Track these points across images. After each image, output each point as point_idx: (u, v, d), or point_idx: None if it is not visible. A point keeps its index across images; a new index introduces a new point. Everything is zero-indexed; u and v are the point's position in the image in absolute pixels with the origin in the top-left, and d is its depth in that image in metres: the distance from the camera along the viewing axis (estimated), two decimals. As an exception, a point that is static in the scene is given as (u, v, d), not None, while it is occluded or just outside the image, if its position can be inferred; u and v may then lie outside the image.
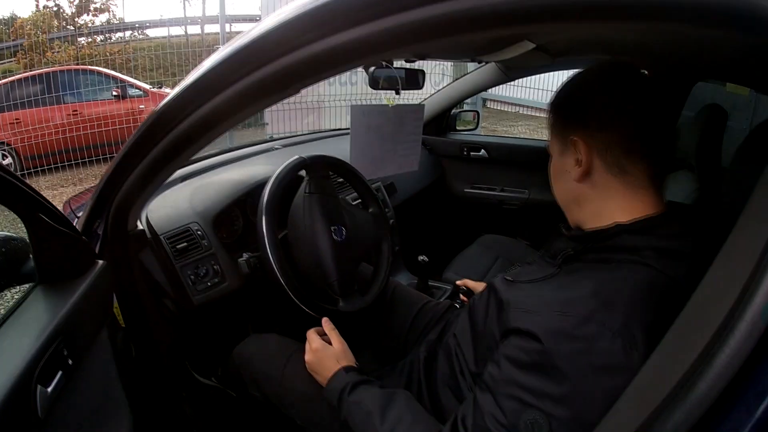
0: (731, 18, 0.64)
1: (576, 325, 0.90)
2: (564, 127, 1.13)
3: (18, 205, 1.10)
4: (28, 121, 7.80)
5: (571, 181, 1.12)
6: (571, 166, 1.11)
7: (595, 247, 1.08)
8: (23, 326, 1.11)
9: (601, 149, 1.06)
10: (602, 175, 1.07)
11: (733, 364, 0.60)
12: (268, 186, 1.66)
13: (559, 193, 1.21)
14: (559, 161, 1.17)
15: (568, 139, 1.10)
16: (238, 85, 0.99)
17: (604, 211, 1.09)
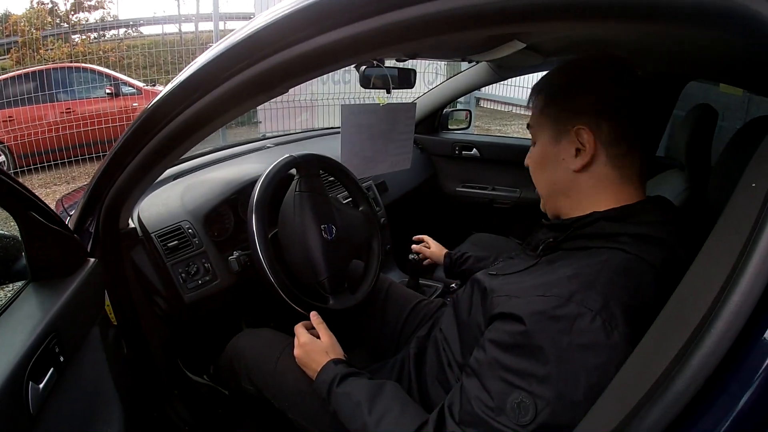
0: (724, 20, 0.66)
1: (556, 306, 0.91)
2: (563, 115, 1.11)
3: (10, 203, 1.11)
4: (21, 118, 7.75)
5: (564, 171, 1.12)
6: (568, 155, 1.10)
7: (573, 234, 1.09)
8: (15, 323, 1.11)
9: (607, 141, 1.06)
10: (602, 166, 1.08)
11: (710, 363, 0.61)
12: (259, 184, 1.67)
13: (545, 182, 1.20)
14: (551, 149, 1.14)
15: (567, 128, 1.09)
16: (229, 83, 1.00)
17: (588, 201, 1.10)
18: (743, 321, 0.59)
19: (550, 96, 1.15)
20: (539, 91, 1.18)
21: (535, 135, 1.19)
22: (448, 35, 0.86)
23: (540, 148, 1.18)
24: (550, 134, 1.14)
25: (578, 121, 1.07)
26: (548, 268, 1.07)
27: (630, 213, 1.05)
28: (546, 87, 1.17)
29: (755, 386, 0.59)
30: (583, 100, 1.08)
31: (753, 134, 1.19)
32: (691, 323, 0.65)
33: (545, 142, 1.16)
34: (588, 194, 1.11)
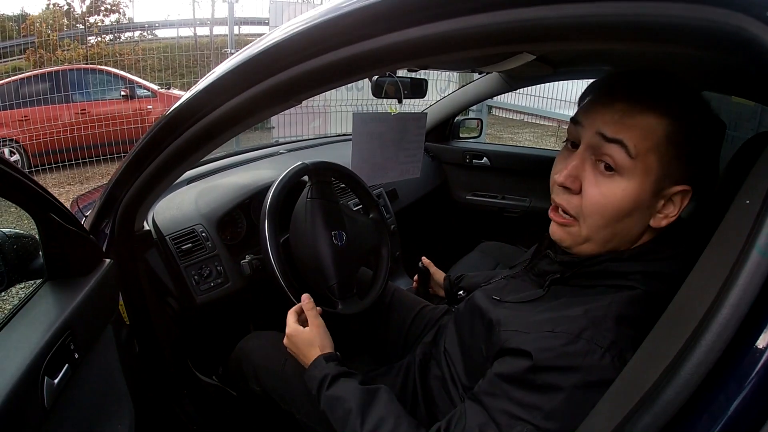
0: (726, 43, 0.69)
1: (566, 343, 0.90)
2: (677, 165, 0.95)
3: (30, 205, 1.13)
4: (37, 118, 7.78)
5: (644, 222, 1.00)
6: (654, 211, 0.99)
7: (580, 273, 1.05)
8: (32, 320, 1.14)
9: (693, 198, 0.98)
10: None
11: (699, 372, 0.63)
12: (272, 190, 1.69)
13: (616, 230, 1.00)
14: (647, 197, 0.96)
15: (674, 183, 0.96)
16: (249, 92, 1.03)
17: (630, 242, 1.03)
18: (732, 332, 0.61)
19: (676, 134, 0.93)
20: (653, 105, 0.94)
21: (630, 167, 0.95)
22: (467, 52, 0.89)
23: (635, 191, 0.95)
24: (654, 181, 0.95)
25: (686, 182, 0.96)
26: (556, 302, 1.03)
27: (643, 252, 1.00)
28: (673, 112, 0.94)
29: (742, 397, 0.61)
30: (703, 162, 0.98)
31: (756, 149, 1.20)
32: (683, 334, 0.67)
33: (645, 188, 0.95)
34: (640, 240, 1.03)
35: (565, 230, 1.05)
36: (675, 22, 0.70)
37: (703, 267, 0.78)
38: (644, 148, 0.93)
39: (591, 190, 0.98)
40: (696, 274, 0.79)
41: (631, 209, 0.96)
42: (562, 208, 1.04)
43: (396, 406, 1.21)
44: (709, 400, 0.63)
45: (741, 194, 0.78)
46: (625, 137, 0.93)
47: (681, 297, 0.80)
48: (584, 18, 0.74)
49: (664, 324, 0.80)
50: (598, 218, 0.99)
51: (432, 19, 0.82)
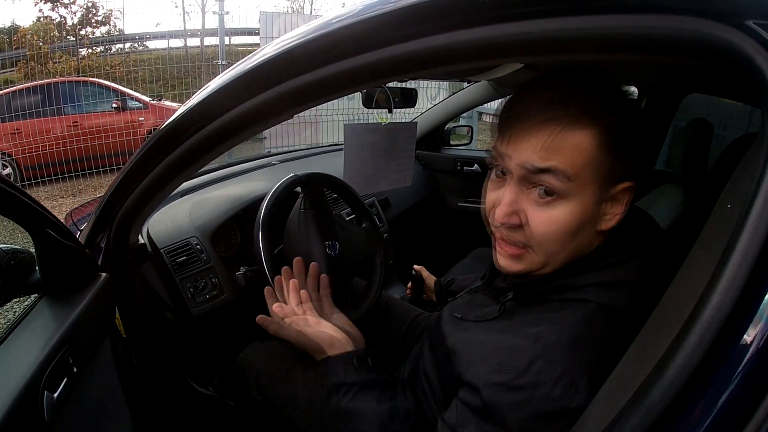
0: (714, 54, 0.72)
1: (514, 377, 0.87)
2: (617, 168, 0.92)
3: (26, 220, 1.14)
4: (29, 131, 7.81)
5: (594, 232, 0.97)
6: (600, 215, 0.96)
7: (533, 291, 1.02)
8: (31, 335, 1.15)
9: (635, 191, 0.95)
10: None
11: (683, 374, 0.65)
12: (265, 202, 1.70)
13: (572, 249, 0.97)
14: (594, 210, 0.94)
15: (614, 185, 0.93)
16: (244, 106, 1.04)
17: (585, 252, 1.00)
18: (714, 333, 0.63)
19: (609, 137, 0.90)
20: (579, 118, 0.89)
21: (570, 189, 0.91)
22: (460, 65, 0.91)
23: (580, 209, 0.92)
24: (596, 192, 0.93)
25: (628, 177, 0.94)
26: (510, 323, 1.00)
27: (596, 260, 0.98)
28: (598, 115, 0.90)
29: (727, 395, 0.63)
30: (638, 150, 0.94)
31: (742, 150, 1.22)
32: (669, 336, 0.69)
33: (588, 202, 0.92)
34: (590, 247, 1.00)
35: (518, 260, 1.01)
36: (659, 33, 0.72)
37: (688, 270, 0.81)
38: (579, 166, 0.89)
39: (536, 220, 0.94)
40: (681, 276, 0.81)
41: (582, 225, 0.93)
42: (509, 241, 1.01)
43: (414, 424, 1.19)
44: (695, 400, 0.65)
45: (723, 198, 0.80)
46: (555, 164, 0.89)
47: (667, 299, 0.82)
48: (575, 32, 0.76)
49: (652, 325, 0.82)
50: (551, 244, 0.95)
51: (430, 33, 0.84)
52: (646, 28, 0.73)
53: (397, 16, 0.86)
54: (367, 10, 0.89)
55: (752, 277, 0.63)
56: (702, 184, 2.11)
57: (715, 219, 0.80)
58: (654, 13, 0.72)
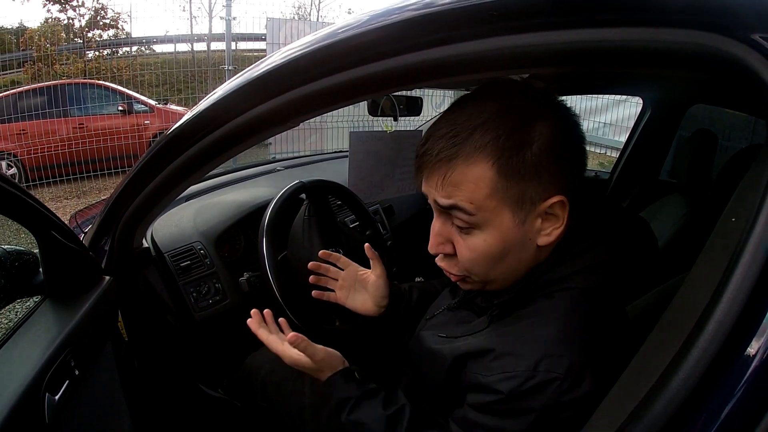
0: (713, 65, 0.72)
1: (525, 380, 0.88)
2: (528, 189, 0.91)
3: (32, 223, 1.15)
4: (35, 132, 7.82)
5: (529, 248, 0.98)
6: (535, 233, 0.96)
7: (521, 297, 1.01)
8: (33, 337, 1.15)
9: (573, 200, 0.95)
10: (564, 227, 0.97)
11: (688, 385, 0.65)
12: (269, 209, 1.70)
13: (504, 269, 0.99)
14: (517, 231, 0.94)
15: (536, 204, 0.93)
16: (251, 113, 1.04)
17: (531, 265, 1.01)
18: (717, 346, 0.63)
19: (504, 166, 0.90)
20: (470, 155, 0.90)
21: (480, 220, 0.93)
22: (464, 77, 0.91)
23: (495, 236, 0.94)
24: (511, 216, 0.93)
25: (553, 193, 0.93)
26: (503, 331, 1.00)
27: (564, 251, 0.99)
28: (487, 149, 0.90)
29: (729, 407, 0.63)
30: (559, 165, 0.92)
31: (746, 161, 1.22)
32: (673, 348, 0.69)
33: (505, 227, 0.94)
34: (539, 258, 1.01)
35: (465, 283, 1.07)
36: (666, 47, 0.73)
37: (692, 282, 0.81)
38: (480, 199, 0.91)
39: (460, 248, 0.99)
40: (685, 288, 0.81)
41: (505, 248, 0.96)
42: (448, 271, 1.06)
43: (419, 426, 1.17)
44: (698, 412, 0.65)
45: (728, 211, 0.80)
46: (457, 200, 0.92)
47: (671, 311, 0.82)
48: (582, 44, 0.77)
49: (656, 336, 0.81)
50: (481, 268, 0.99)
51: (437, 44, 0.85)
52: (652, 41, 0.73)
53: (403, 26, 0.86)
54: (373, 21, 0.90)
55: (756, 290, 0.63)
56: (706, 194, 2.11)
57: (720, 231, 0.80)
58: (660, 27, 0.72)
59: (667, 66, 0.81)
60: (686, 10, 0.71)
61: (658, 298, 1.41)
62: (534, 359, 0.89)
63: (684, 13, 0.71)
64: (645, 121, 2.90)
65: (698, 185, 2.18)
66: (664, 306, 0.85)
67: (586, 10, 0.76)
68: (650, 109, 2.86)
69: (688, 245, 1.61)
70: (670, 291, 1.37)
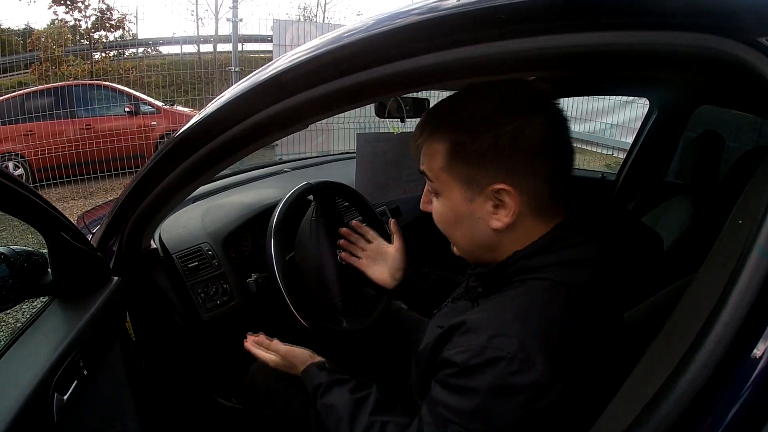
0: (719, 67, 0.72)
1: (474, 355, 0.91)
2: (475, 173, 1.00)
3: (41, 223, 1.15)
4: (42, 133, 7.83)
5: (483, 228, 1.04)
6: (486, 214, 1.02)
7: (497, 280, 1.07)
8: (42, 337, 1.16)
9: (530, 196, 0.99)
10: (526, 219, 1.02)
11: (694, 387, 0.65)
12: (277, 210, 1.70)
13: (461, 236, 1.11)
14: (463, 207, 1.04)
15: (482, 187, 1.00)
16: (258, 116, 1.05)
17: (512, 246, 1.05)
18: (724, 348, 0.63)
19: (454, 151, 1.01)
20: (434, 132, 1.05)
21: (438, 187, 1.08)
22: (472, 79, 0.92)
23: (448, 205, 1.08)
24: (462, 192, 1.03)
25: (493, 181, 0.98)
26: (477, 310, 1.06)
27: (549, 242, 1.02)
28: (447, 131, 1.02)
29: (735, 409, 0.63)
30: (497, 156, 0.97)
31: (753, 163, 1.21)
32: (680, 350, 0.69)
33: (456, 200, 1.05)
34: (512, 242, 1.04)
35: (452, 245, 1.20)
36: (672, 50, 0.73)
37: (699, 284, 0.81)
38: (436, 169, 1.06)
39: (432, 210, 1.15)
40: (692, 290, 0.82)
41: (456, 218, 1.08)
42: None
43: (384, 410, 1.27)
44: (705, 414, 0.65)
45: (735, 214, 0.81)
46: (424, 167, 1.10)
47: (678, 313, 0.82)
48: (589, 47, 0.77)
49: (663, 339, 0.82)
50: (443, 229, 1.15)
51: (446, 47, 0.85)
52: (659, 44, 0.73)
53: (412, 30, 0.87)
54: (380, 24, 0.90)
55: (763, 292, 0.63)
56: (712, 196, 2.11)
57: (726, 234, 0.80)
58: (667, 30, 0.73)
59: (673, 69, 0.81)
60: (693, 14, 0.71)
61: (664, 299, 1.41)
62: (487, 335, 0.92)
63: (691, 16, 0.72)
64: (652, 122, 2.90)
65: (705, 187, 2.17)
66: (670, 308, 0.85)
67: (594, 14, 0.76)
68: (657, 111, 2.85)
69: (694, 247, 1.61)
70: (677, 293, 1.37)
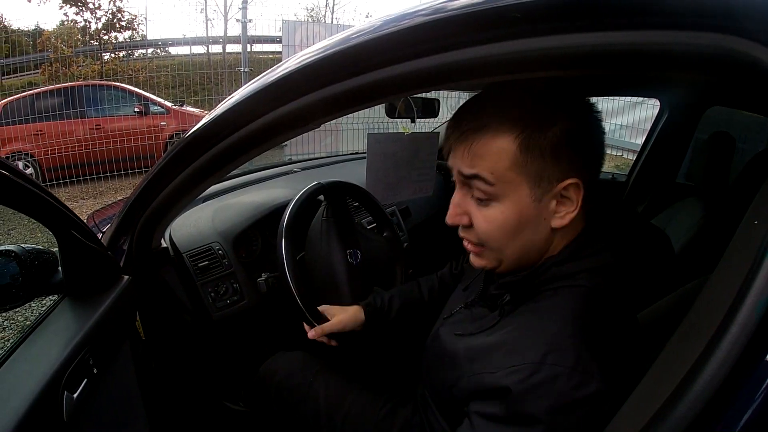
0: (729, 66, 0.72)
1: (532, 374, 0.88)
2: (549, 168, 0.94)
3: (52, 221, 1.15)
4: (51, 133, 7.89)
5: (543, 229, 1.00)
6: (549, 213, 0.98)
7: (529, 288, 1.03)
8: (53, 335, 1.16)
9: (586, 190, 0.97)
10: (577, 216, 0.99)
11: (710, 388, 0.64)
12: (288, 210, 1.70)
13: (519, 246, 1.02)
14: (531, 209, 0.97)
15: (553, 184, 0.95)
16: (270, 115, 1.05)
17: (558, 245, 1.03)
18: (740, 350, 0.63)
19: (528, 142, 0.93)
20: (499, 126, 0.95)
21: (500, 191, 0.97)
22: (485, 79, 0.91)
23: (512, 209, 0.97)
24: (529, 192, 0.96)
25: (569, 175, 0.95)
26: (511, 326, 1.00)
27: (578, 248, 1.01)
28: (515, 123, 0.94)
29: (751, 411, 0.63)
30: (577, 148, 0.95)
31: (763, 165, 1.20)
32: (694, 353, 0.68)
33: (523, 202, 0.97)
34: (561, 240, 1.03)
35: (480, 257, 1.08)
36: (685, 49, 0.72)
37: (714, 286, 0.80)
38: (501, 170, 0.95)
39: (477, 221, 1.02)
40: (707, 292, 0.81)
41: (521, 223, 0.98)
42: (467, 239, 1.08)
43: None
44: (720, 416, 0.65)
45: (750, 214, 0.80)
46: (479, 170, 0.96)
47: (693, 315, 0.81)
48: (604, 47, 0.77)
49: (678, 341, 0.81)
50: (495, 241, 1.01)
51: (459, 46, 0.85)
52: (670, 44, 0.73)
53: (421, 30, 0.86)
54: (389, 25, 0.90)
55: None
56: (723, 197, 2.10)
57: (741, 234, 0.79)
58: (678, 30, 0.72)
59: (684, 69, 0.80)
60: (704, 13, 0.71)
61: (676, 301, 1.41)
62: (541, 352, 0.89)
63: (702, 15, 0.71)
64: (662, 123, 2.89)
65: (715, 188, 2.16)
66: (684, 309, 0.84)
67: (605, 14, 0.76)
68: (667, 112, 2.85)
69: (705, 248, 1.60)
70: (690, 294, 1.36)
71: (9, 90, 9.61)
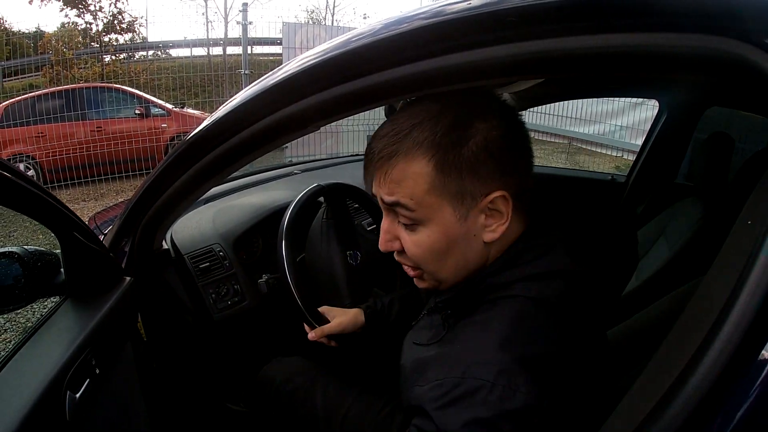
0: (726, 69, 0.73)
1: (453, 387, 0.85)
2: (468, 184, 0.91)
3: (54, 223, 1.17)
4: (52, 135, 7.88)
5: (476, 245, 0.97)
6: (479, 228, 0.95)
7: (465, 301, 1.00)
8: (55, 335, 1.17)
9: (516, 198, 0.93)
10: (512, 224, 0.95)
11: (703, 386, 0.65)
12: (288, 211, 1.70)
13: (451, 268, 0.99)
14: (458, 227, 0.94)
15: (478, 199, 0.92)
16: (270, 118, 1.06)
17: (483, 260, 1.00)
18: (733, 348, 0.64)
19: (443, 162, 0.90)
20: (410, 151, 0.91)
21: (422, 215, 0.94)
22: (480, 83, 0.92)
23: (438, 231, 0.94)
24: (452, 212, 0.93)
25: (491, 189, 0.91)
26: (450, 340, 1.00)
27: (514, 256, 0.97)
28: (428, 146, 0.90)
29: (744, 409, 0.64)
30: (499, 161, 0.91)
31: (761, 164, 1.21)
32: (689, 351, 0.69)
33: (447, 223, 0.94)
34: (497, 251, 0.99)
35: (420, 280, 1.06)
36: (680, 51, 0.73)
37: (709, 284, 0.81)
38: (420, 194, 0.92)
39: (407, 246, 0.99)
40: (702, 291, 0.82)
41: (450, 243, 0.95)
42: (404, 264, 1.05)
43: None
44: (715, 412, 0.66)
45: (744, 215, 0.81)
46: (398, 197, 0.93)
47: (688, 313, 0.82)
48: (598, 50, 0.78)
49: (673, 339, 0.82)
50: (429, 264, 0.99)
51: (455, 50, 0.86)
52: (668, 46, 0.74)
53: (425, 32, 0.87)
54: (389, 28, 0.91)
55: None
56: (722, 197, 2.11)
57: (736, 234, 0.80)
58: (676, 32, 0.73)
59: (683, 70, 0.81)
60: (701, 15, 0.72)
61: (674, 301, 1.41)
62: (464, 365, 0.87)
63: (699, 18, 0.72)
64: (661, 124, 2.90)
65: (714, 188, 2.17)
66: (680, 309, 0.85)
67: (603, 16, 0.77)
68: (666, 112, 2.85)
69: (704, 249, 1.61)
70: (687, 294, 1.37)
71: (10, 92, 9.57)
